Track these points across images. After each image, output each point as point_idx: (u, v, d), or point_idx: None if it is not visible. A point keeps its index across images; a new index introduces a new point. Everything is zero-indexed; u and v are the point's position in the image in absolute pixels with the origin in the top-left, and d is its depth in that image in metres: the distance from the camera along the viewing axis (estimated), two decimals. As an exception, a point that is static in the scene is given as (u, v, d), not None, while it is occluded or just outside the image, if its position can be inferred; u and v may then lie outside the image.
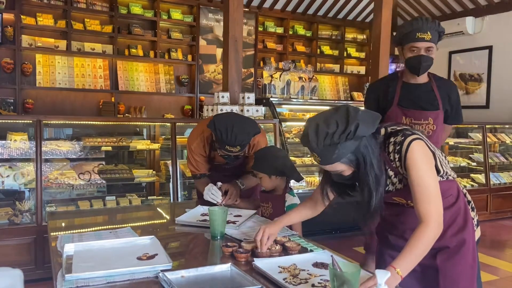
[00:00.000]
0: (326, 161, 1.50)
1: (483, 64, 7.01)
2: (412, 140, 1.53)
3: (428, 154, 1.56)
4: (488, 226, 5.26)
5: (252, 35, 7.31)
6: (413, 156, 1.52)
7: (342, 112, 1.49)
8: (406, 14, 8.10)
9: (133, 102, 6.45)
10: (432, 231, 1.49)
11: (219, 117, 2.41)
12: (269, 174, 2.36)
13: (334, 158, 1.48)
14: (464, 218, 1.73)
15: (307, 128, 1.51)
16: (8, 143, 3.60)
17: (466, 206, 1.77)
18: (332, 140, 1.45)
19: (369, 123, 1.49)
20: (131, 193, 4.06)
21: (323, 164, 1.52)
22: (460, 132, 6.22)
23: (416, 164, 1.52)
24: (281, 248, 1.75)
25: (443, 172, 1.65)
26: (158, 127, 4.38)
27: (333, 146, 1.45)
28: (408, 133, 1.57)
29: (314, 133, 1.48)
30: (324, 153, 1.47)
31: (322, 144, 1.46)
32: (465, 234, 1.70)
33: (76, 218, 2.61)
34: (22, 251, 3.39)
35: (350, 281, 1.24)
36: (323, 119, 1.50)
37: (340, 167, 1.52)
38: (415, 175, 1.52)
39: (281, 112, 4.91)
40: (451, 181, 1.72)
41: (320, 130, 1.47)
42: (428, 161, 1.55)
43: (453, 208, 1.71)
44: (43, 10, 5.95)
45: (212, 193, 2.48)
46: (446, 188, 1.66)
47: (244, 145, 2.37)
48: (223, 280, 1.47)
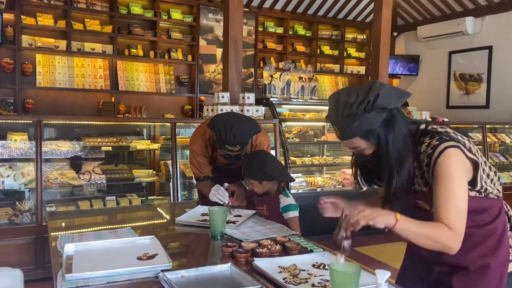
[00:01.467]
0: (345, 135, 1.41)
1: (483, 64, 7.01)
2: (447, 148, 1.38)
3: (462, 164, 1.39)
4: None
5: (252, 35, 7.31)
6: (444, 163, 1.37)
7: (368, 84, 1.40)
8: (406, 14, 8.10)
9: (133, 102, 6.45)
10: (449, 235, 1.35)
11: (218, 117, 2.41)
12: (259, 180, 2.37)
13: (353, 132, 1.38)
14: (498, 242, 1.50)
15: (330, 99, 1.44)
16: (8, 143, 3.60)
17: (506, 231, 1.54)
18: (351, 111, 1.36)
19: (392, 96, 1.38)
20: (131, 193, 4.06)
21: (342, 138, 1.43)
22: (460, 132, 6.22)
23: (446, 174, 1.36)
24: (281, 248, 1.75)
25: (481, 187, 1.46)
26: (158, 127, 4.38)
27: (352, 118, 1.36)
28: (445, 138, 1.41)
29: (334, 103, 1.41)
30: (343, 126, 1.39)
31: (341, 115, 1.38)
32: (492, 260, 1.49)
33: (76, 218, 2.60)
34: (22, 251, 3.39)
35: (350, 281, 1.24)
36: (347, 89, 1.42)
37: (360, 143, 1.42)
38: (442, 183, 1.37)
39: (281, 112, 4.92)
40: (491, 199, 1.51)
41: (341, 100, 1.39)
42: (460, 169, 1.38)
43: (486, 228, 1.50)
44: (43, 10, 5.95)
45: (219, 193, 2.47)
46: (482, 206, 1.49)
47: (244, 144, 2.36)
48: (223, 280, 1.47)
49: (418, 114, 5.49)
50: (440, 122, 1.64)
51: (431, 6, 7.55)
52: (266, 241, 1.79)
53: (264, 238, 1.87)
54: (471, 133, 5.98)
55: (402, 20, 8.31)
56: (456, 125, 6.09)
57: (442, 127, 1.50)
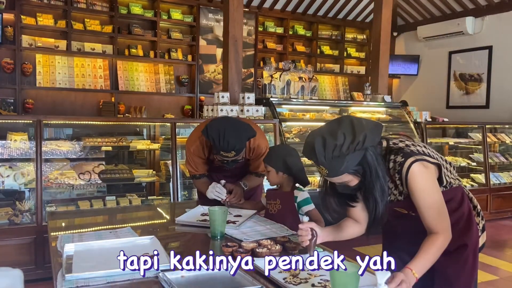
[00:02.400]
0: (335, 173, 1.51)
1: (483, 64, 7.01)
2: (412, 163, 1.55)
3: (429, 173, 1.58)
4: (488, 226, 5.19)
5: (252, 35, 7.31)
6: (414, 180, 1.55)
7: (346, 124, 1.49)
8: (406, 14, 8.11)
9: (133, 102, 6.45)
10: (443, 240, 1.56)
11: (212, 123, 2.39)
12: (277, 169, 2.36)
13: (343, 170, 1.49)
14: (468, 224, 1.73)
15: (312, 142, 1.50)
16: (8, 143, 3.60)
17: (471, 212, 1.77)
18: (341, 152, 1.46)
19: (375, 133, 1.51)
20: (131, 193, 4.06)
21: (331, 176, 1.53)
22: (460, 132, 6.22)
23: (418, 187, 1.55)
24: (281, 248, 1.75)
25: (446, 183, 1.67)
26: (158, 127, 4.38)
27: (342, 158, 1.47)
28: (407, 152, 1.59)
29: (321, 146, 1.48)
30: (333, 165, 1.48)
31: (330, 156, 1.47)
32: (466, 239, 1.71)
33: (76, 218, 2.61)
34: (22, 251, 3.39)
35: (350, 281, 1.24)
36: (328, 132, 1.50)
37: (347, 178, 1.54)
38: (419, 198, 1.56)
39: (281, 112, 4.91)
40: (455, 188, 1.74)
41: (328, 143, 1.47)
42: (429, 179, 1.58)
43: (455, 213, 1.71)
44: (43, 10, 5.95)
45: (216, 190, 2.48)
46: (449, 196, 1.68)
47: (239, 150, 2.36)
48: (223, 280, 1.47)
49: (418, 114, 5.49)
50: (398, 134, 1.74)
51: (431, 6, 7.55)
52: (266, 241, 1.80)
53: (264, 238, 1.87)
54: (471, 133, 5.97)
55: (402, 20, 8.31)
56: (456, 125, 6.09)
57: (401, 140, 1.67)
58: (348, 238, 1.83)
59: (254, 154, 2.58)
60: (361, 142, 1.46)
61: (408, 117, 5.42)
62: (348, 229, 1.79)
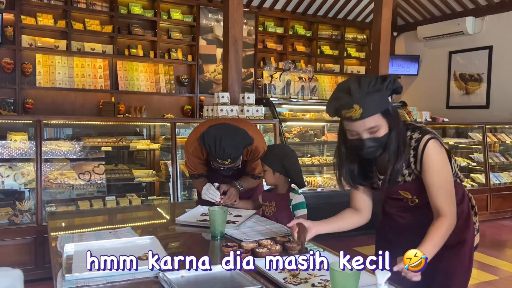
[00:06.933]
0: (370, 111, 1.48)
1: (483, 64, 7.01)
2: (429, 139, 1.57)
3: (443, 153, 1.60)
4: (488, 226, 5.26)
5: (252, 35, 7.31)
6: (430, 156, 1.56)
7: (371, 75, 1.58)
8: (406, 14, 8.11)
9: (133, 102, 6.45)
10: (449, 223, 1.56)
11: (208, 130, 2.38)
12: (274, 169, 2.36)
13: (378, 107, 1.49)
14: (466, 222, 1.74)
15: (346, 83, 1.53)
16: (8, 143, 3.60)
17: (470, 210, 1.78)
18: (376, 86, 1.48)
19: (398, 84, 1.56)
20: (131, 193, 4.06)
21: (365, 116, 1.48)
22: (460, 132, 6.23)
23: (433, 164, 1.56)
24: (281, 248, 1.75)
25: (454, 172, 1.68)
26: (158, 127, 4.38)
27: (377, 93, 1.48)
28: (425, 130, 1.61)
29: (356, 83, 1.50)
30: (368, 102, 1.47)
31: (366, 90, 1.47)
32: (466, 235, 1.73)
33: (76, 218, 2.61)
34: (22, 251, 3.39)
35: (350, 281, 1.24)
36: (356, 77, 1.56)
37: (379, 121, 1.52)
38: (432, 175, 1.57)
39: (281, 112, 4.91)
40: (458, 184, 1.75)
41: (363, 80, 1.50)
42: (443, 159, 1.59)
43: (457, 208, 1.70)
44: (43, 10, 5.95)
45: (210, 192, 2.48)
46: None
47: (235, 158, 2.36)
48: (223, 280, 1.47)
49: (418, 114, 5.49)
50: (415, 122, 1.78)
51: (431, 6, 7.55)
52: (266, 241, 1.80)
53: (264, 238, 1.87)
54: (471, 133, 5.98)
55: (402, 20, 8.31)
56: (456, 125, 6.09)
57: (416, 122, 1.73)
58: (348, 229, 1.82)
59: (251, 156, 2.58)
60: (393, 81, 1.50)
61: (408, 117, 5.42)
62: (348, 219, 1.80)
